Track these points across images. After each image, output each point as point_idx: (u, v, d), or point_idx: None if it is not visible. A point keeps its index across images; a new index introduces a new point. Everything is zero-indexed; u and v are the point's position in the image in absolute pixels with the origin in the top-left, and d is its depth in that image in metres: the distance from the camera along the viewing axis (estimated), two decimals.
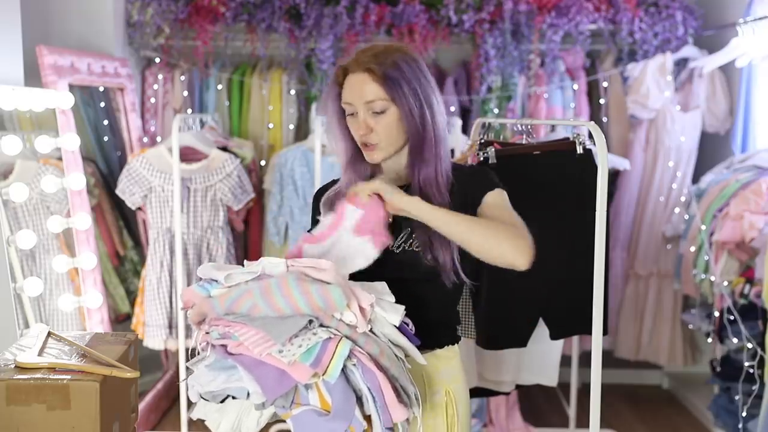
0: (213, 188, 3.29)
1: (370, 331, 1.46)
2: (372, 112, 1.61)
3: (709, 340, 3.28)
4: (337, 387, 1.38)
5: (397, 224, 1.65)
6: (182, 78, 3.85)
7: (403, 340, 1.50)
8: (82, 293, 2.81)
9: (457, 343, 1.73)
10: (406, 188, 1.66)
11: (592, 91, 3.89)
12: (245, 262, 1.58)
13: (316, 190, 1.80)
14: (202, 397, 1.48)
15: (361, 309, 1.44)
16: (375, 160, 1.66)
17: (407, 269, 1.63)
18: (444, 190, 1.63)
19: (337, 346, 1.40)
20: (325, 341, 1.40)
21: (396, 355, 1.47)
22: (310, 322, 1.42)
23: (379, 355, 1.43)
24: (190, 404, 3.12)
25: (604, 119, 3.87)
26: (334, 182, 1.77)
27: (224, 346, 1.44)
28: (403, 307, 1.50)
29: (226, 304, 1.45)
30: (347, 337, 1.42)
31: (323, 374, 1.38)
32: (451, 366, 1.69)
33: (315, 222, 1.73)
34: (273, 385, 1.37)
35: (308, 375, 1.37)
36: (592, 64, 3.89)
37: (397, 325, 1.49)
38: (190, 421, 3.23)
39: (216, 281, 1.53)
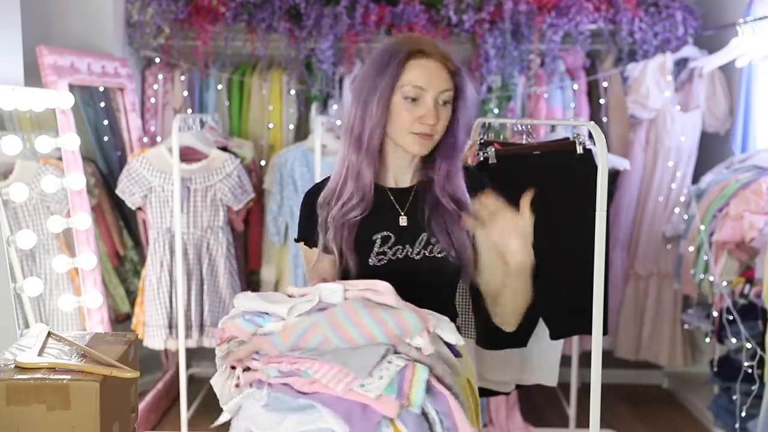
0: (213, 188, 3.29)
1: None
2: (442, 102, 1.57)
3: (707, 339, 3.28)
4: (411, 415, 1.30)
5: (413, 231, 1.63)
6: (182, 78, 3.85)
7: (449, 355, 1.45)
8: (82, 293, 2.81)
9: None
10: (407, 190, 1.66)
11: (592, 91, 3.89)
12: (294, 289, 1.49)
13: (306, 192, 1.73)
14: None
15: (427, 331, 1.39)
16: (423, 152, 1.61)
17: (432, 276, 1.61)
18: (467, 200, 1.64)
19: (414, 372, 1.33)
20: (401, 369, 1.33)
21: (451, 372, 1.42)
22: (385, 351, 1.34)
23: (443, 376, 1.37)
24: (190, 404, 3.12)
25: (604, 119, 3.87)
26: (324, 182, 1.71)
27: (286, 384, 1.34)
28: (453, 324, 1.46)
29: (292, 339, 1.36)
30: (417, 362, 1.35)
31: (408, 404, 1.29)
32: (465, 359, 1.69)
33: (310, 224, 1.67)
34: (360, 423, 1.28)
35: (396, 408, 1.28)
36: (592, 64, 3.89)
37: (454, 343, 1.44)
38: (190, 421, 3.23)
39: (267, 314, 1.43)
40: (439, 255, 1.62)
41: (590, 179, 1.96)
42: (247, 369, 1.40)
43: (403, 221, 1.64)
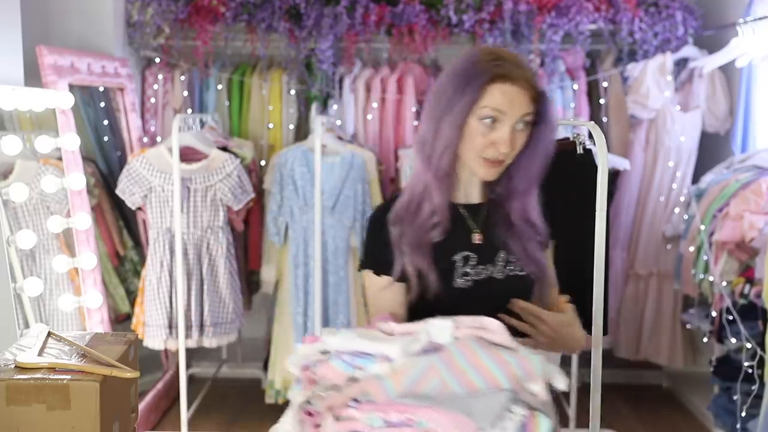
0: (213, 188, 3.29)
1: None
2: (521, 125, 1.50)
3: (705, 339, 3.28)
4: None
5: (491, 249, 1.56)
6: (182, 78, 3.85)
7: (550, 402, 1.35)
8: (82, 293, 2.81)
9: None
10: (478, 206, 1.61)
11: (592, 91, 3.89)
12: (395, 325, 1.36)
13: (373, 215, 1.62)
14: None
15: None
16: (491, 178, 1.54)
17: (517, 296, 1.56)
18: (542, 225, 1.63)
19: (536, 423, 1.23)
20: (524, 419, 1.21)
21: None
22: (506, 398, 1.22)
23: (558, 429, 1.27)
24: (190, 404, 3.12)
25: (604, 119, 3.87)
26: (389, 204, 1.60)
27: None
28: (559, 368, 1.36)
29: (406, 384, 1.22)
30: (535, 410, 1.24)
31: None
32: None
33: (378, 249, 1.56)
34: None
35: None
36: (592, 64, 3.89)
37: (561, 389, 1.32)
38: (190, 421, 3.23)
39: (370, 355, 1.28)
40: (521, 273, 1.56)
41: (590, 179, 1.96)
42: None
43: (476, 239, 1.57)
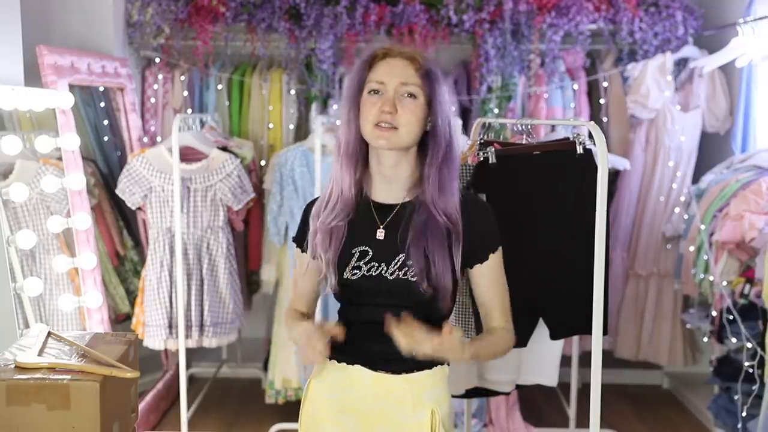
0: (213, 188, 3.29)
1: None
2: (405, 94, 1.57)
3: (705, 339, 3.28)
4: None
5: (391, 248, 1.61)
6: (182, 78, 3.85)
7: None
8: (82, 293, 2.81)
9: (447, 364, 1.69)
10: (391, 206, 1.64)
11: (592, 91, 3.89)
12: None
13: (308, 203, 1.77)
14: None
15: None
16: (385, 146, 1.59)
17: (400, 298, 1.59)
18: (458, 219, 1.61)
19: None
20: None
21: None
22: None
23: None
24: (190, 404, 3.12)
25: (604, 119, 3.87)
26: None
27: None
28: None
29: None
30: None
31: None
32: (438, 388, 1.66)
33: (302, 233, 1.72)
34: None
35: None
36: (592, 64, 3.89)
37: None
38: (190, 421, 3.22)
39: None
40: (412, 278, 1.58)
41: (590, 179, 1.96)
42: None
43: (380, 235, 1.62)
